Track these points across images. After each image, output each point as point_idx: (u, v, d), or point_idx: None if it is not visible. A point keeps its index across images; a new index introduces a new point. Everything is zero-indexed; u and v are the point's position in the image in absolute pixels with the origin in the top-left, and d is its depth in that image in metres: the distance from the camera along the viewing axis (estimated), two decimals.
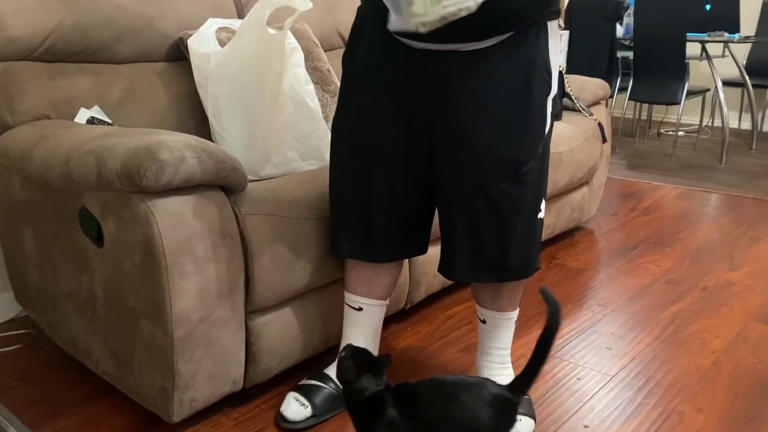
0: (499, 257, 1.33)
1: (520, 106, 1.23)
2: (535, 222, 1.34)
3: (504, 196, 1.27)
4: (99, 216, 1.34)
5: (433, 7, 1.03)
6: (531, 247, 1.36)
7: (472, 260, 1.34)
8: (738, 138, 4.69)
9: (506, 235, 1.30)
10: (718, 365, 1.71)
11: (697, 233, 2.73)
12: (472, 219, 1.30)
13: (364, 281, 1.46)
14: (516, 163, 1.26)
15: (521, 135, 1.25)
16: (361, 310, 1.48)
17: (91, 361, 1.53)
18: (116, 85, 1.74)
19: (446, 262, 1.38)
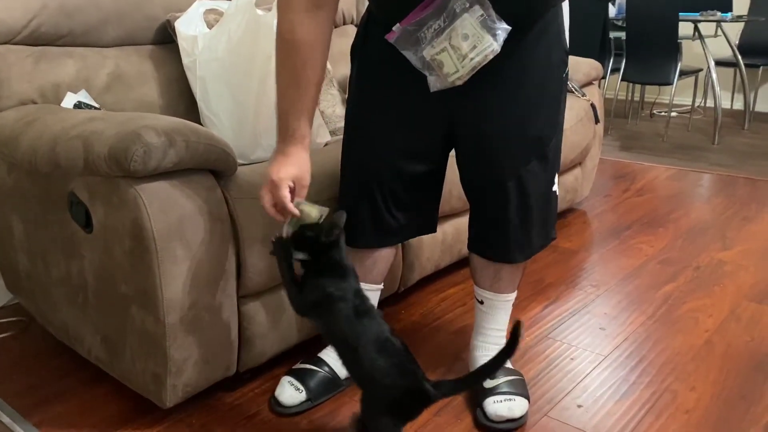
0: (526, 235, 1.35)
1: (545, 85, 1.26)
2: (551, 196, 1.37)
3: (531, 174, 1.29)
4: (87, 201, 1.32)
5: (461, 62, 1.12)
6: (549, 220, 1.39)
7: (499, 239, 1.36)
8: (730, 118, 4.69)
9: (531, 212, 1.33)
10: (710, 344, 1.72)
11: (690, 213, 2.73)
12: (502, 198, 1.31)
13: (358, 266, 1.42)
14: (542, 141, 1.29)
15: (547, 113, 1.28)
16: None
17: (83, 348, 1.53)
18: (103, 68, 1.71)
19: (479, 241, 1.40)
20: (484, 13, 1.09)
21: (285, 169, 1.22)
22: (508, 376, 1.44)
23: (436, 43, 1.11)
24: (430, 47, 1.12)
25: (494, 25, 1.10)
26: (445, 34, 1.10)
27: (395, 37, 1.14)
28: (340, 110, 2.01)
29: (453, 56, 1.11)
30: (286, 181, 1.21)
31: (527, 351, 1.69)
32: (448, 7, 1.09)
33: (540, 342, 1.73)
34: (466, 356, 1.58)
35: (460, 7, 1.09)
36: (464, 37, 1.10)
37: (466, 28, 1.09)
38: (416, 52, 1.14)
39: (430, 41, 1.11)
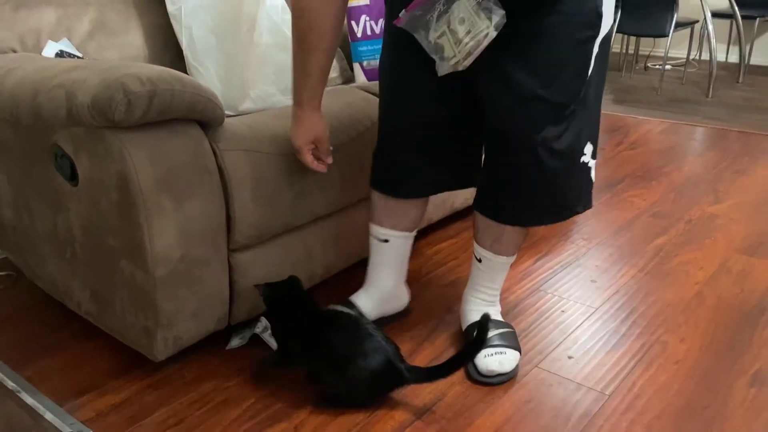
0: (535, 202, 1.31)
1: (564, 51, 1.18)
2: (576, 167, 1.29)
3: (546, 141, 1.23)
4: (72, 153, 1.29)
5: (458, 47, 1.13)
6: (570, 192, 1.32)
7: (512, 203, 1.33)
8: (725, 71, 4.65)
9: (543, 180, 1.27)
10: (701, 296, 1.73)
11: (683, 167, 2.72)
12: (513, 162, 1.27)
13: (391, 214, 1.47)
14: (559, 108, 1.21)
15: (566, 80, 1.20)
16: (387, 242, 1.50)
17: (72, 302, 1.52)
18: (85, 16, 1.66)
19: (486, 201, 1.37)
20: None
21: (302, 135, 1.32)
22: (498, 329, 1.44)
23: (437, 27, 1.13)
24: (434, 30, 1.14)
25: (490, 10, 1.09)
26: (444, 18, 1.12)
27: (403, 23, 1.16)
28: None
29: (451, 40, 1.13)
30: (306, 146, 1.33)
31: (519, 303, 1.70)
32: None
33: (531, 294, 1.74)
34: (457, 309, 1.58)
35: None
36: (461, 21, 1.11)
37: (462, 11, 1.10)
38: (425, 37, 1.16)
39: (435, 24, 1.13)
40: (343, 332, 1.28)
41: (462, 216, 2.17)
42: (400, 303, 1.61)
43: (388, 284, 1.55)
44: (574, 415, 1.30)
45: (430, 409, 1.31)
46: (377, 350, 1.25)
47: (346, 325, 1.30)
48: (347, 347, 1.26)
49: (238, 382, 1.39)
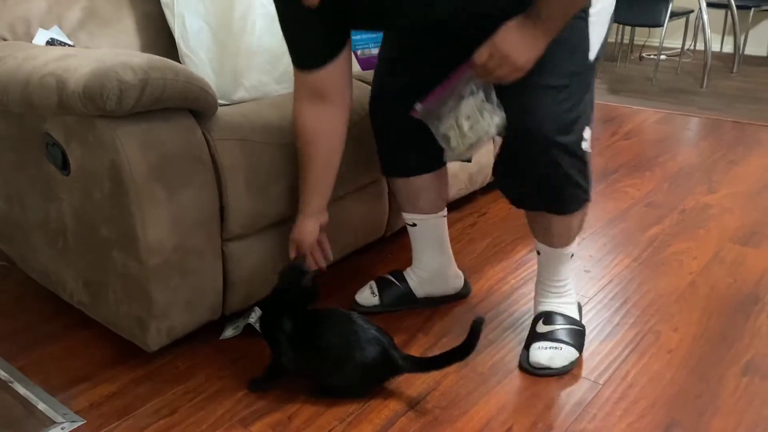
0: (527, 188, 1.30)
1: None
2: (576, 153, 1.25)
3: (549, 125, 1.19)
4: (63, 142, 1.28)
5: (462, 140, 1.24)
6: (571, 179, 1.29)
7: (514, 185, 1.34)
8: (720, 61, 4.65)
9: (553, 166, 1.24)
10: (694, 286, 1.73)
11: (677, 157, 2.73)
12: (520, 149, 1.25)
13: (405, 198, 1.54)
14: (552, 88, 1.19)
15: (554, 60, 1.18)
16: (415, 225, 1.56)
17: (65, 293, 1.51)
18: (76, 4, 1.64)
19: (512, 192, 1.37)
20: (484, 98, 1.19)
21: (302, 233, 1.41)
22: (564, 324, 1.43)
23: (447, 120, 1.24)
24: (444, 123, 1.25)
25: (492, 111, 1.19)
26: (453, 113, 1.23)
27: (419, 114, 1.27)
28: None
29: (457, 133, 1.24)
30: (291, 243, 1.42)
31: (513, 293, 1.70)
32: (458, 89, 1.21)
33: (525, 284, 1.74)
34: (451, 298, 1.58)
35: (467, 91, 1.20)
36: (466, 118, 1.21)
37: (468, 110, 1.21)
38: (437, 127, 1.26)
39: (446, 117, 1.24)
40: (335, 327, 1.28)
41: (458, 204, 2.17)
42: (448, 286, 1.63)
43: (430, 265, 1.59)
44: (567, 404, 1.30)
45: (424, 398, 1.31)
46: (371, 341, 1.25)
47: (338, 321, 1.29)
48: (341, 341, 1.26)
49: (232, 373, 1.39)
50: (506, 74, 1.14)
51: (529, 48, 1.11)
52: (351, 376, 1.27)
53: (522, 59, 1.12)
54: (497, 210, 2.20)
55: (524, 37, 1.11)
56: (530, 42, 1.11)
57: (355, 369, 1.25)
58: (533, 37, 1.11)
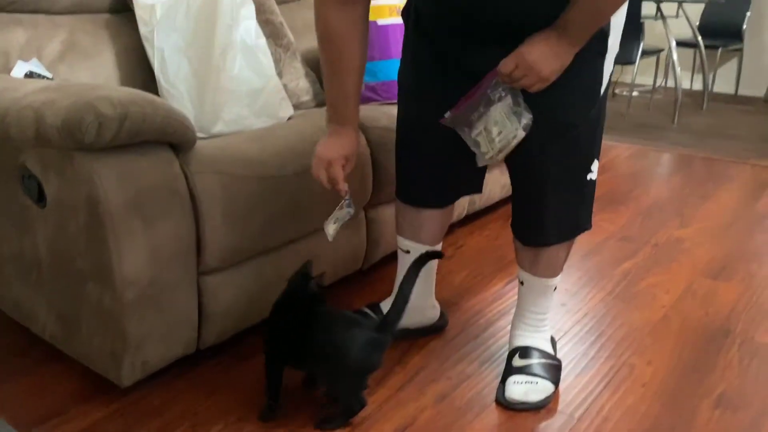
0: (547, 218, 1.35)
1: (575, 73, 1.20)
2: (586, 184, 1.34)
3: (555, 159, 1.27)
4: (40, 174, 1.28)
5: (491, 144, 1.25)
6: (580, 209, 1.37)
7: (526, 221, 1.38)
8: (689, 98, 4.78)
9: (555, 197, 1.31)
10: (667, 319, 1.76)
11: (650, 191, 2.78)
12: (525, 180, 1.32)
13: (409, 224, 1.53)
14: (570, 128, 1.26)
15: (576, 100, 1.24)
16: (409, 252, 1.54)
17: (37, 326, 1.48)
18: (56, 37, 1.64)
19: (513, 221, 1.43)
20: (512, 102, 1.20)
21: (337, 148, 1.33)
22: (540, 359, 1.44)
23: (477, 126, 1.25)
24: (475, 129, 1.26)
25: (520, 114, 1.20)
26: (483, 119, 1.23)
27: (448, 121, 1.27)
28: (303, 83, 1.98)
29: (486, 138, 1.25)
30: (339, 160, 1.33)
31: (489, 326, 1.70)
32: (487, 95, 1.21)
33: (502, 317, 1.75)
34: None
35: (496, 97, 1.21)
36: (494, 123, 1.22)
37: (497, 114, 1.22)
38: (468, 133, 1.27)
39: (475, 123, 1.25)
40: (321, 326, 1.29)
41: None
42: (425, 317, 1.63)
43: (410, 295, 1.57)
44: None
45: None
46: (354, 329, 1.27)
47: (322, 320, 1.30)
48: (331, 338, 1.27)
49: (207, 407, 1.37)
50: (531, 84, 1.17)
51: (553, 60, 1.14)
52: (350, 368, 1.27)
53: (547, 70, 1.15)
54: (474, 242, 2.22)
55: (550, 49, 1.14)
56: (555, 53, 1.14)
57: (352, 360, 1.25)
58: (558, 49, 1.14)
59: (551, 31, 1.14)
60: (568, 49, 1.15)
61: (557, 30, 1.13)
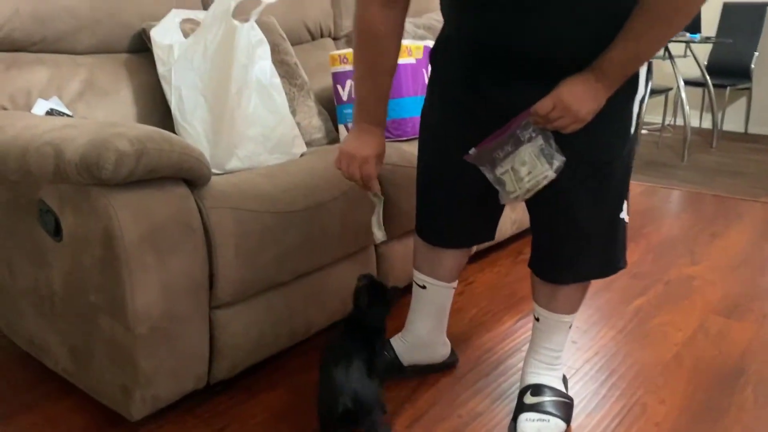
0: (576, 258, 1.35)
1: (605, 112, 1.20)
2: (618, 223, 1.34)
3: (586, 197, 1.28)
4: (57, 209, 1.30)
5: (518, 184, 1.26)
6: (612, 247, 1.37)
7: (551, 259, 1.38)
8: (699, 136, 4.79)
9: (584, 235, 1.32)
10: (679, 358, 1.74)
11: (660, 229, 2.78)
12: (551, 218, 1.33)
13: (427, 261, 1.53)
14: (600, 166, 1.27)
15: (606, 139, 1.25)
16: (425, 288, 1.54)
17: (49, 359, 1.49)
18: (76, 76, 1.69)
19: (534, 259, 1.43)
20: (543, 143, 1.21)
21: (372, 146, 1.35)
22: (552, 396, 1.44)
23: (504, 164, 1.26)
24: (500, 167, 1.27)
25: (552, 156, 1.21)
26: (510, 158, 1.24)
27: (472, 158, 1.28)
28: (316, 122, 2.02)
29: (513, 178, 1.26)
30: (373, 158, 1.35)
31: (500, 364, 1.70)
32: (516, 135, 1.22)
33: (512, 355, 1.74)
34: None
35: (526, 137, 1.22)
36: (522, 163, 1.23)
37: (526, 155, 1.23)
38: (490, 170, 1.28)
39: (500, 162, 1.26)
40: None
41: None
42: (436, 354, 1.62)
43: (422, 332, 1.58)
44: None
45: None
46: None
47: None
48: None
49: None
50: (566, 125, 1.18)
51: (591, 101, 1.16)
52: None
53: (584, 112, 1.16)
54: (485, 279, 2.22)
55: (587, 91, 1.15)
56: (593, 95, 1.16)
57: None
58: (595, 91, 1.15)
59: (589, 72, 1.15)
60: (605, 90, 1.16)
61: (595, 72, 1.15)
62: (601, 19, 1.12)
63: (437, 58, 1.39)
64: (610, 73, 1.15)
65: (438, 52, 1.38)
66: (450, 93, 1.35)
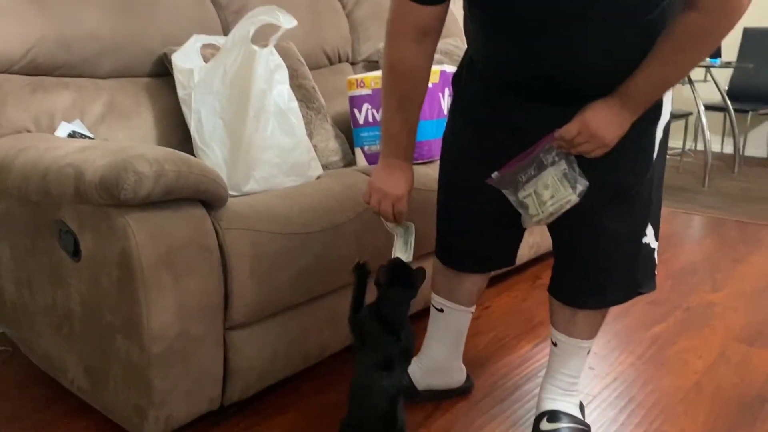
0: (600, 282, 1.34)
1: (629, 136, 1.20)
2: (639, 247, 1.33)
3: (609, 221, 1.28)
4: (76, 229, 1.32)
5: (541, 207, 1.25)
6: (635, 272, 1.36)
7: (572, 283, 1.38)
8: (720, 162, 4.75)
9: (608, 260, 1.32)
10: (699, 386, 1.71)
11: (681, 255, 2.74)
12: (577, 243, 1.32)
13: (446, 284, 1.52)
14: (623, 190, 1.27)
15: (629, 163, 1.25)
16: (442, 311, 1.54)
17: (66, 379, 1.51)
18: (98, 99, 1.73)
19: (555, 283, 1.42)
20: (567, 167, 1.21)
21: (404, 184, 1.35)
22: (569, 423, 1.42)
23: (527, 188, 1.26)
24: (523, 190, 1.27)
25: (575, 180, 1.21)
26: (533, 181, 1.24)
27: (494, 182, 1.28)
28: (332, 144, 2.03)
29: (536, 201, 1.26)
30: (406, 195, 1.35)
31: (517, 389, 1.68)
32: (539, 159, 1.22)
33: (529, 381, 1.72)
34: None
35: (549, 161, 1.22)
36: (545, 186, 1.24)
37: (549, 179, 1.23)
38: (513, 193, 1.28)
39: (523, 185, 1.26)
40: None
41: None
42: (452, 379, 1.61)
43: (438, 356, 1.56)
44: None
45: None
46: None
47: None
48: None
49: None
50: (590, 150, 1.18)
51: (616, 127, 1.16)
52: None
53: (609, 137, 1.17)
54: (501, 303, 2.20)
55: (613, 116, 1.16)
56: (618, 121, 1.16)
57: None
58: (621, 116, 1.16)
59: (614, 98, 1.15)
60: (630, 116, 1.17)
61: (620, 97, 1.15)
62: (627, 47, 1.12)
63: (460, 82, 1.40)
64: (636, 99, 1.15)
65: (461, 76, 1.39)
66: (473, 116, 1.35)
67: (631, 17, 1.09)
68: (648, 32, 1.11)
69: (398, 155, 1.34)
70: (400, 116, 1.32)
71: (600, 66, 1.14)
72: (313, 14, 2.30)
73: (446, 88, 1.99)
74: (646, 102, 1.17)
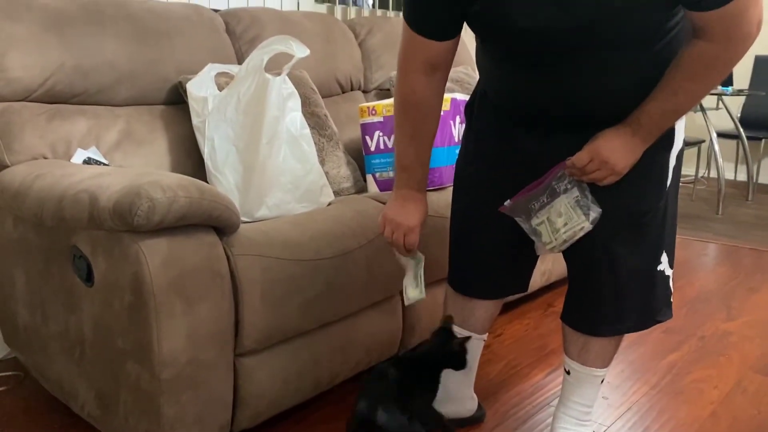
0: (615, 310, 1.33)
1: (642, 163, 1.21)
2: (654, 274, 1.32)
3: (623, 248, 1.27)
4: (90, 255, 1.33)
5: (554, 235, 1.26)
6: (648, 300, 1.34)
7: (587, 311, 1.37)
8: (734, 189, 4.72)
9: (622, 287, 1.31)
10: (716, 416, 1.68)
11: (694, 283, 2.72)
12: (591, 270, 1.32)
13: (458, 311, 1.52)
14: (631, 216, 1.26)
15: (642, 191, 1.25)
16: None
17: (76, 404, 1.50)
18: (114, 126, 1.75)
19: (568, 311, 1.41)
20: (579, 195, 1.22)
21: (416, 216, 1.36)
22: None
23: (539, 215, 1.27)
24: (536, 218, 1.27)
25: (588, 207, 1.22)
26: (546, 209, 1.25)
27: (507, 210, 1.29)
28: (344, 171, 2.05)
29: (549, 229, 1.26)
30: (419, 227, 1.37)
31: (528, 419, 1.65)
32: (551, 187, 1.23)
33: (542, 410, 1.70)
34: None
35: (561, 188, 1.23)
36: (558, 214, 1.24)
37: (561, 206, 1.24)
38: (526, 221, 1.29)
39: (536, 213, 1.27)
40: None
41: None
42: (463, 408, 1.59)
43: (449, 385, 1.55)
44: None
45: None
46: None
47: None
48: None
49: None
50: (602, 177, 1.19)
51: (628, 155, 1.17)
52: None
53: (621, 165, 1.17)
54: (513, 331, 2.18)
55: (624, 144, 1.16)
56: (630, 149, 1.17)
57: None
58: (632, 144, 1.17)
59: (626, 126, 1.16)
60: (642, 144, 1.17)
61: (632, 125, 1.15)
62: (636, 77, 1.13)
63: (473, 112, 1.41)
64: (647, 127, 1.15)
65: (474, 105, 1.41)
66: (485, 145, 1.37)
67: (639, 49, 1.10)
68: (656, 62, 1.11)
69: (411, 186, 1.36)
70: (412, 148, 1.34)
71: (610, 96, 1.15)
72: (326, 43, 2.33)
73: (457, 116, 2.00)
74: (657, 130, 1.17)
